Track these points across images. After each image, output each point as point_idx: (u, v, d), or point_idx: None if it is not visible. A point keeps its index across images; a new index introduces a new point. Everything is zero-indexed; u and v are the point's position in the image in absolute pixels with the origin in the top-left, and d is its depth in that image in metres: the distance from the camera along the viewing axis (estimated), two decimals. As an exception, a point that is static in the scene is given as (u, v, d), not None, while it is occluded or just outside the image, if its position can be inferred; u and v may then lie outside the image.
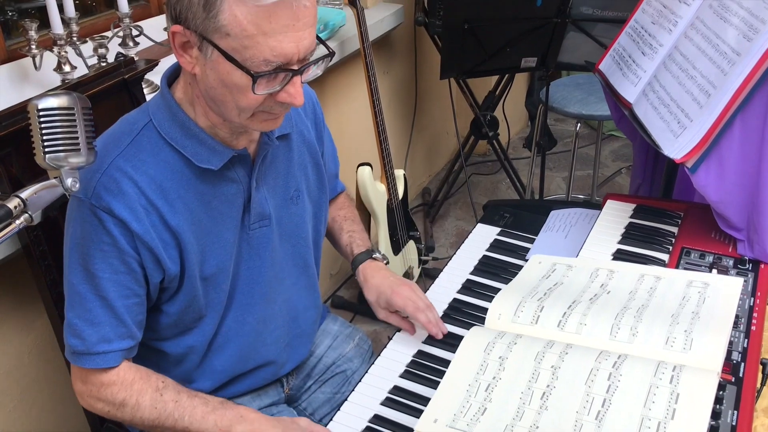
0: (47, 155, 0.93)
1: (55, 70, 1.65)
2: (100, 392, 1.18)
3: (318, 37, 1.09)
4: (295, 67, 1.05)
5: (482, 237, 1.62)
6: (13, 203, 0.89)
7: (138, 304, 1.17)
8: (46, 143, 0.92)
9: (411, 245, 2.69)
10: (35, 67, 1.63)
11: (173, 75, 1.19)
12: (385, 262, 1.50)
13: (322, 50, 1.12)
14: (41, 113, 0.91)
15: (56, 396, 1.72)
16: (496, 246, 1.58)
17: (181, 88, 1.16)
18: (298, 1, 1.00)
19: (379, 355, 1.33)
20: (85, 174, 1.08)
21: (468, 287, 1.46)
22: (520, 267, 1.40)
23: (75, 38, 1.66)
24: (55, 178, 0.95)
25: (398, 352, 1.32)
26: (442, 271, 1.52)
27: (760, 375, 1.10)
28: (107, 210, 1.09)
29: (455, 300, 1.43)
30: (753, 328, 1.15)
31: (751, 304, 1.21)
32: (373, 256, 1.49)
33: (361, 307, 2.70)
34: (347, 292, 2.90)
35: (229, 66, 1.03)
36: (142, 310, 1.19)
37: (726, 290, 1.19)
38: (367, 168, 2.41)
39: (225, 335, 1.29)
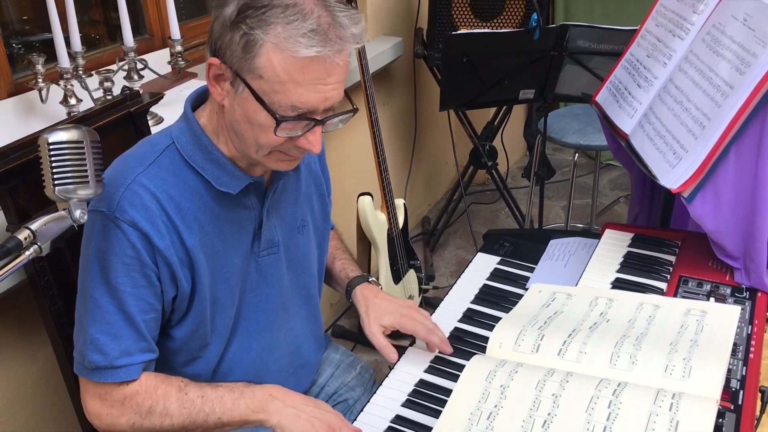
0: (57, 187, 0.95)
1: (61, 103, 1.67)
2: (124, 405, 1.18)
3: (346, 93, 1.14)
4: (319, 117, 1.10)
5: (482, 266, 1.63)
6: (23, 235, 0.91)
7: (155, 319, 1.19)
8: (55, 176, 0.95)
9: (411, 274, 2.70)
10: (41, 100, 1.66)
11: (197, 100, 1.23)
12: (379, 287, 1.51)
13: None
14: (51, 147, 0.94)
15: (59, 426, 1.72)
16: (496, 275, 1.60)
17: (207, 116, 1.20)
18: (332, 59, 1.05)
19: (380, 384, 1.33)
20: (108, 189, 1.11)
21: (469, 316, 1.47)
22: (520, 296, 1.41)
23: (81, 71, 1.69)
24: (64, 209, 0.97)
25: (400, 381, 1.32)
26: (442, 299, 1.53)
27: (759, 402, 1.11)
28: (131, 224, 1.12)
29: (456, 329, 1.44)
30: (751, 356, 1.17)
31: (749, 332, 1.22)
32: (369, 280, 1.50)
33: (361, 337, 2.69)
34: (348, 322, 2.91)
35: (256, 105, 1.07)
36: (158, 326, 1.21)
37: (724, 318, 1.21)
38: (368, 197, 2.43)
39: (229, 363, 1.30)
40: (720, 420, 1.03)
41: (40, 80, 1.64)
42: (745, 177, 1.29)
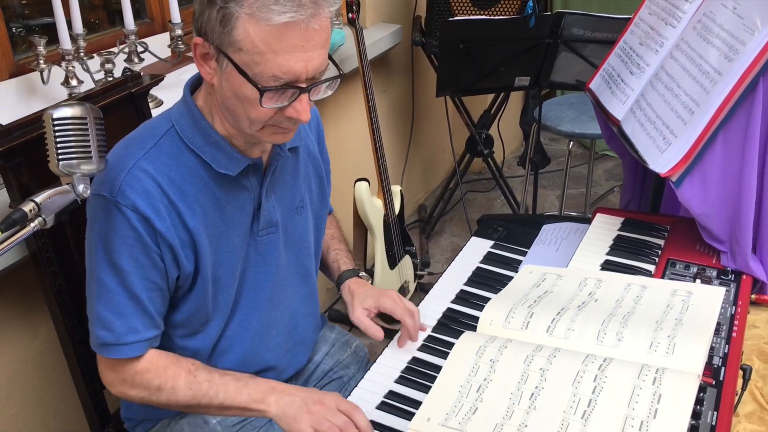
0: (60, 162, 0.98)
1: (62, 84, 1.70)
2: (135, 380, 1.24)
3: (330, 57, 1.15)
4: (303, 85, 1.11)
5: (476, 249, 1.66)
6: (28, 207, 0.94)
7: (161, 296, 1.23)
8: (59, 151, 0.97)
9: (407, 260, 2.73)
10: (43, 82, 1.68)
11: (195, 84, 1.25)
12: (369, 281, 1.55)
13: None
14: (56, 122, 0.97)
15: (58, 402, 1.75)
16: (489, 258, 1.62)
17: (202, 97, 1.22)
18: (307, 24, 1.06)
19: (374, 362, 1.37)
20: (110, 174, 1.14)
21: (462, 297, 1.50)
22: (512, 278, 1.44)
23: (82, 54, 1.71)
24: (67, 184, 0.99)
25: (393, 359, 1.35)
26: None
27: (740, 380, 1.14)
28: (132, 207, 1.15)
29: (449, 309, 1.47)
30: (734, 334, 1.20)
31: (733, 312, 1.26)
32: (359, 274, 1.54)
33: (357, 321, 2.73)
34: (344, 306, 2.92)
35: (240, 79, 1.09)
36: (165, 302, 1.25)
37: (709, 299, 1.24)
38: (365, 183, 2.45)
39: (229, 339, 1.34)
40: (701, 394, 1.06)
41: (42, 62, 1.66)
42: (732, 162, 1.32)
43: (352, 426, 1.18)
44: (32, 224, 0.94)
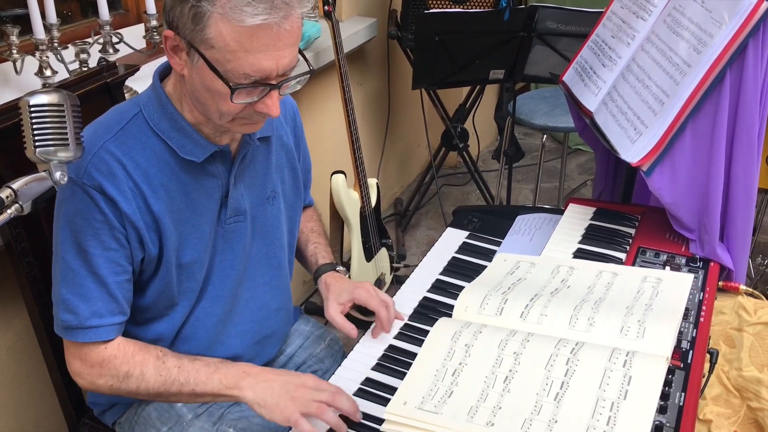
0: (37, 149, 0.97)
1: (36, 74, 1.68)
2: (103, 368, 1.23)
3: (301, 53, 1.16)
4: (273, 82, 1.12)
5: (451, 240, 1.68)
6: (5, 193, 0.93)
7: (127, 281, 1.23)
8: (36, 137, 0.97)
9: (383, 253, 2.75)
10: (16, 72, 1.67)
11: (165, 71, 1.25)
12: (347, 275, 1.55)
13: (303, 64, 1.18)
14: (32, 109, 0.96)
15: (34, 394, 1.74)
16: (464, 248, 1.64)
17: (172, 84, 1.22)
18: (279, 25, 1.06)
19: (351, 349, 1.38)
20: (76, 160, 1.13)
21: (438, 287, 1.52)
22: (487, 268, 1.46)
23: (56, 44, 1.70)
24: (44, 171, 0.99)
25: (370, 347, 1.37)
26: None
27: (707, 364, 1.18)
28: (99, 189, 1.15)
29: (425, 298, 1.48)
30: (702, 320, 1.23)
31: (701, 298, 1.29)
32: (337, 269, 1.54)
33: (333, 314, 2.74)
34: (319, 299, 2.94)
35: (212, 74, 1.10)
36: (130, 287, 1.24)
37: (678, 285, 1.27)
38: (341, 176, 2.46)
39: (193, 325, 1.34)
40: (670, 376, 1.09)
41: (15, 51, 1.64)
42: (701, 152, 1.36)
43: (338, 393, 1.17)
44: (9, 210, 0.94)
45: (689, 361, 1.14)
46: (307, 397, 1.17)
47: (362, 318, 2.35)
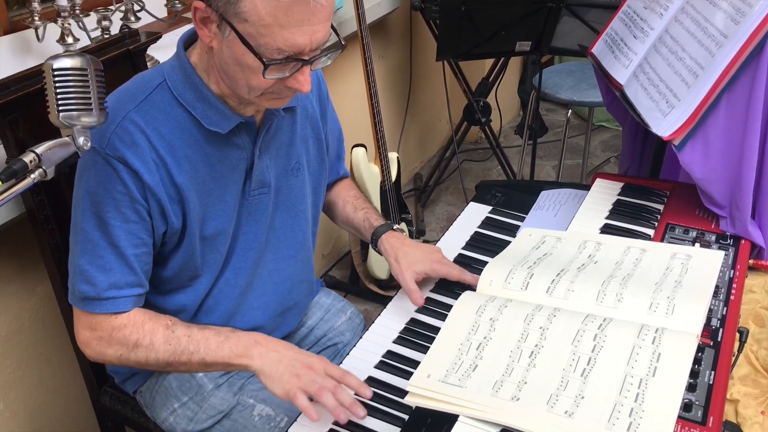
0: (61, 113, 0.96)
1: (57, 41, 1.67)
2: (112, 336, 1.22)
3: (333, 28, 1.14)
4: (306, 57, 1.10)
5: (474, 214, 1.66)
6: (28, 158, 0.93)
7: (147, 253, 1.22)
8: (60, 102, 0.96)
9: (402, 227, 2.74)
10: (38, 39, 1.66)
11: (190, 39, 1.23)
12: (404, 234, 1.52)
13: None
14: (56, 73, 0.95)
15: (55, 360, 1.75)
16: (487, 223, 1.62)
17: (197, 55, 1.20)
18: (315, 0, 1.04)
19: (373, 322, 1.37)
20: (100, 126, 1.11)
21: (460, 261, 1.50)
22: (510, 243, 1.44)
23: (78, 11, 1.69)
24: (67, 136, 0.98)
25: (392, 320, 1.36)
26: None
27: (737, 343, 1.15)
28: (122, 160, 1.14)
29: (447, 274, 1.47)
30: (732, 297, 1.21)
31: (731, 276, 1.26)
32: (394, 228, 1.50)
33: (352, 287, 2.74)
34: (339, 272, 2.95)
35: (243, 48, 1.07)
36: (150, 260, 1.24)
37: (708, 262, 1.24)
38: (362, 149, 2.44)
39: (216, 297, 1.33)
40: (699, 354, 1.07)
41: (36, 18, 1.63)
42: (735, 126, 1.32)
43: (342, 390, 1.14)
44: (33, 175, 0.93)
45: (719, 340, 1.11)
46: (310, 377, 1.15)
47: (381, 293, 2.34)
